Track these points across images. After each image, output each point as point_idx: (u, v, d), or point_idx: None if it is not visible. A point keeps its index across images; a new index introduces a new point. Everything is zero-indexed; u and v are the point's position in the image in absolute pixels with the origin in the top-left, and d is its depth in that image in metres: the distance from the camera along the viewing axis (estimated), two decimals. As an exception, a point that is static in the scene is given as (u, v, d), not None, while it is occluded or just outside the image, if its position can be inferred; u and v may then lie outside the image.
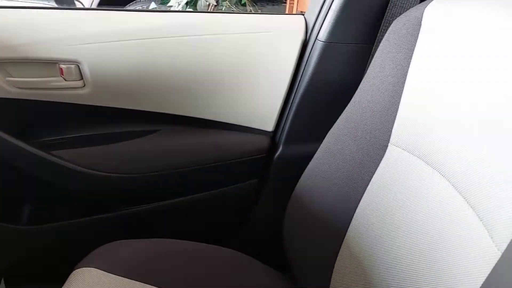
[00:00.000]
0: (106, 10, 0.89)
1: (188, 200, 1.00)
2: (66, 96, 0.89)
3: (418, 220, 0.54)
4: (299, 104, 0.92)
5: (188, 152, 0.96)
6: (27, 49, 0.82)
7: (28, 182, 0.92)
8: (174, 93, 0.91)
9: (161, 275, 0.70)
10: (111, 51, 0.85)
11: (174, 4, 2.69)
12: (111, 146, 0.93)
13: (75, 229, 0.98)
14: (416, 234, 0.53)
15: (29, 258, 1.01)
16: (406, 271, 0.54)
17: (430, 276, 0.50)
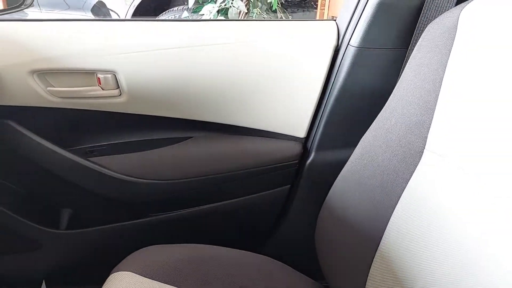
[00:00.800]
0: (141, 21, 0.91)
1: (221, 206, 1.01)
2: (103, 104, 0.92)
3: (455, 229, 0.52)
4: (331, 110, 0.92)
5: (220, 158, 0.97)
6: (67, 60, 0.85)
7: (67, 188, 0.96)
8: (206, 101, 0.92)
9: (195, 280, 0.71)
10: (145, 60, 0.87)
11: (206, 13, 2.73)
12: (146, 153, 0.95)
13: (112, 234, 1.00)
14: (453, 244, 0.52)
15: (68, 262, 1.04)
16: (443, 283, 0.52)
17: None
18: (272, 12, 2.79)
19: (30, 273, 1.05)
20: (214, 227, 1.05)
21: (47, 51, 0.84)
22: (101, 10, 3.87)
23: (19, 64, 0.84)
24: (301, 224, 1.03)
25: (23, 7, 1.13)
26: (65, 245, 1.01)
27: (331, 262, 0.74)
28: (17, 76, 0.85)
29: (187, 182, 0.96)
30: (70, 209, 1.02)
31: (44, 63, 0.85)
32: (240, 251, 0.81)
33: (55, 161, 0.91)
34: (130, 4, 3.72)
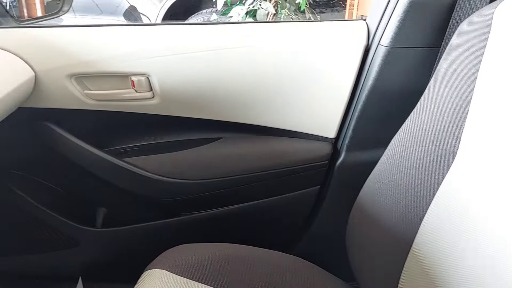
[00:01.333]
0: (171, 24, 0.93)
1: (250, 206, 1.02)
2: (137, 106, 0.94)
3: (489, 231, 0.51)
4: (362, 110, 0.91)
5: (250, 159, 0.98)
6: (102, 64, 0.88)
7: (103, 187, 0.99)
8: (235, 102, 0.94)
9: (226, 279, 0.72)
10: (176, 63, 0.90)
11: (235, 15, 2.75)
12: (177, 154, 0.97)
13: (145, 232, 1.03)
14: (488, 247, 0.51)
15: (103, 259, 1.08)
16: (477, 285, 0.51)
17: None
18: (301, 13, 2.79)
19: (67, 269, 1.09)
20: (244, 227, 1.06)
21: (84, 55, 0.88)
22: (133, 14, 3.95)
23: (57, 68, 0.88)
24: (331, 224, 1.03)
25: (61, 13, 1.18)
26: (101, 243, 1.05)
27: (362, 263, 0.74)
28: (55, 80, 0.89)
29: (217, 182, 0.98)
30: (105, 208, 1.05)
31: (81, 67, 0.88)
32: (270, 251, 0.82)
33: (91, 161, 0.95)
34: (160, 8, 3.79)
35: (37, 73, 0.87)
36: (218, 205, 1.02)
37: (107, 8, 3.88)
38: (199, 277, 0.72)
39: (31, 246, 1.07)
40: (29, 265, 1.09)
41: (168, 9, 3.75)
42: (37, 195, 1.01)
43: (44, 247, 1.06)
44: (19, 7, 1.45)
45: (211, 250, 0.79)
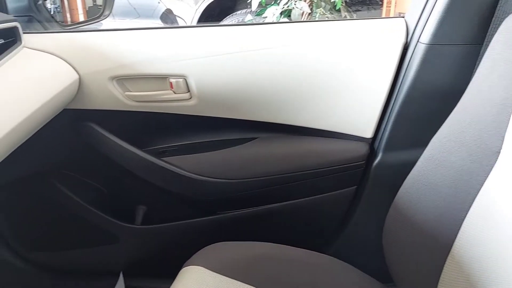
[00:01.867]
0: (208, 26, 0.95)
1: (286, 206, 1.02)
2: (175, 107, 0.97)
3: None
4: (400, 109, 0.89)
5: (285, 159, 0.98)
6: (142, 66, 0.91)
7: (142, 186, 1.02)
8: (271, 102, 0.94)
9: (262, 278, 0.73)
10: (213, 64, 0.91)
11: (269, 15, 2.75)
12: (214, 153, 0.99)
13: (183, 230, 1.05)
14: None
15: (143, 255, 1.11)
16: None
17: None
18: (336, 12, 2.76)
19: (109, 265, 1.13)
20: (279, 226, 1.06)
21: (124, 58, 0.91)
22: (169, 17, 4.03)
23: (100, 71, 0.91)
24: (367, 225, 1.02)
25: (102, 18, 1.23)
26: (140, 240, 1.08)
27: (400, 264, 0.73)
28: (98, 82, 0.92)
29: (253, 182, 0.99)
30: (144, 206, 1.08)
31: (122, 70, 0.91)
32: (307, 251, 0.82)
33: (131, 160, 0.98)
34: (195, 10, 3.84)
35: (81, 76, 0.91)
36: (254, 205, 1.03)
37: (144, 11, 3.97)
38: (236, 275, 0.73)
39: (75, 241, 1.11)
40: (73, 260, 1.13)
41: (203, 11, 3.80)
42: (81, 193, 1.05)
43: (87, 243, 1.10)
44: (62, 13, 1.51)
45: (247, 248, 0.80)
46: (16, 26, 0.85)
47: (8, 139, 0.64)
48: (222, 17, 3.82)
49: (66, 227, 1.09)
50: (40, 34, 0.94)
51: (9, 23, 0.83)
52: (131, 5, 3.89)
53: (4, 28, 0.81)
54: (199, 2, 3.82)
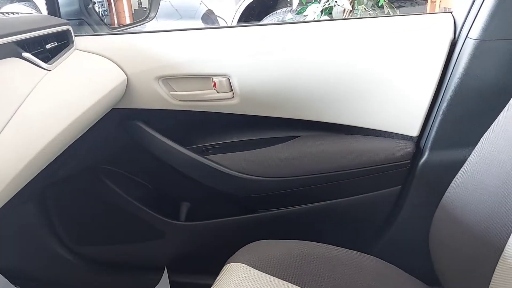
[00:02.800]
0: (249, 26, 0.96)
1: (328, 205, 1.01)
2: (218, 106, 0.98)
3: None
4: (448, 107, 0.87)
5: (327, 157, 0.97)
6: (187, 67, 0.93)
7: (186, 183, 1.05)
8: (313, 100, 0.94)
9: (304, 277, 0.73)
10: (255, 64, 0.92)
11: (310, 13, 2.73)
12: (256, 152, 1.00)
13: (225, 226, 1.07)
14: None
15: (186, 251, 1.14)
16: None
17: None
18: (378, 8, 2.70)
19: (154, 260, 1.17)
20: (321, 225, 1.06)
21: (170, 59, 0.93)
22: (210, 17, 4.10)
23: (146, 71, 0.94)
24: (413, 225, 0.99)
25: (148, 20, 1.27)
26: (184, 236, 1.10)
27: (448, 266, 0.71)
28: (145, 82, 0.95)
29: (295, 180, 0.99)
30: (188, 202, 1.11)
31: (168, 70, 0.94)
32: (350, 251, 0.81)
33: (176, 158, 1.00)
34: (236, 10, 3.88)
35: (129, 76, 0.94)
36: (295, 203, 1.03)
37: (186, 12, 4.05)
38: (278, 273, 0.73)
39: (123, 236, 1.15)
40: (120, 254, 1.18)
41: (243, 11, 3.83)
42: (128, 190, 1.09)
43: (134, 238, 1.14)
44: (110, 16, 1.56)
45: (291, 247, 0.80)
46: (69, 29, 0.90)
47: (62, 137, 0.68)
48: (262, 17, 3.82)
49: (114, 223, 1.14)
50: (90, 37, 0.99)
51: (62, 26, 0.87)
52: (173, 6, 3.98)
53: (58, 32, 0.85)
54: (240, 2, 3.85)
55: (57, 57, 0.81)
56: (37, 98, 0.66)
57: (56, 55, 0.82)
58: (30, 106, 0.63)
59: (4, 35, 0.68)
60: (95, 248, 1.17)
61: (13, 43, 0.70)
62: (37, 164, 0.61)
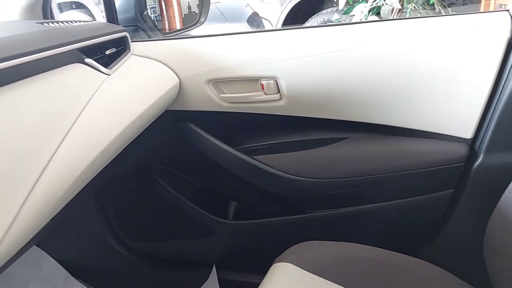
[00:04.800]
0: (297, 28, 0.97)
1: (377, 208, 1.00)
2: (265, 108, 1.00)
3: None
4: (504, 108, 0.83)
5: (376, 159, 0.96)
6: (236, 69, 0.95)
7: (235, 183, 1.07)
8: (362, 102, 0.93)
9: (352, 279, 0.72)
10: (303, 65, 0.93)
11: (357, 13, 2.69)
12: (304, 153, 1.01)
13: (272, 226, 1.08)
14: None
15: (234, 249, 1.16)
16: None
17: None
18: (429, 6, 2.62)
19: (203, 257, 1.20)
20: (370, 228, 1.05)
21: (220, 62, 0.96)
22: (255, 20, 4.13)
23: (198, 75, 0.98)
24: (466, 230, 0.96)
25: (198, 24, 1.31)
26: (232, 234, 1.13)
27: (503, 272, 0.68)
28: (196, 85, 0.98)
29: (343, 182, 0.98)
30: (236, 202, 1.13)
31: (218, 73, 0.97)
32: (398, 254, 0.80)
33: (225, 158, 1.03)
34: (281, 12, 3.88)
35: (181, 80, 0.98)
36: (343, 205, 1.02)
37: (232, 15, 4.11)
38: (326, 274, 0.73)
39: (173, 233, 1.20)
40: (170, 250, 1.22)
41: (288, 12, 3.83)
42: (179, 188, 1.13)
43: (184, 235, 1.18)
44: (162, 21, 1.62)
45: (338, 248, 0.80)
46: (126, 35, 0.95)
47: (121, 138, 0.72)
48: (308, 18, 3.81)
49: (166, 219, 1.18)
50: (146, 42, 1.03)
51: (120, 33, 0.92)
52: (219, 10, 4.05)
53: (116, 38, 0.90)
54: (285, 4, 3.86)
55: (115, 62, 0.86)
56: (98, 101, 0.70)
57: (114, 60, 0.87)
58: (92, 109, 0.67)
59: (69, 43, 0.73)
60: (147, 243, 1.22)
61: (76, 49, 0.75)
62: (98, 163, 0.65)
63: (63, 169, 0.56)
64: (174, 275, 1.23)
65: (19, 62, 0.58)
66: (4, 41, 0.63)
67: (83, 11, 4.06)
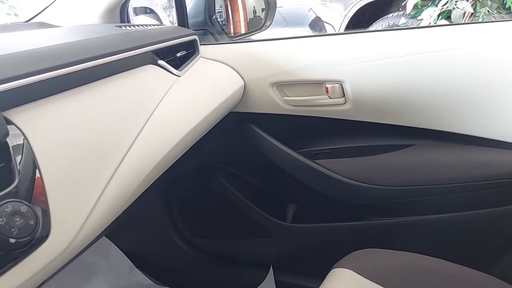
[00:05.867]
0: (364, 32, 0.96)
1: (444, 218, 0.96)
2: (329, 112, 0.99)
3: None
4: None
5: (445, 168, 0.93)
6: (301, 73, 0.96)
7: (294, 185, 1.07)
8: (430, 108, 0.90)
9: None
10: (370, 70, 0.91)
11: (426, 17, 2.59)
12: (367, 158, 0.99)
13: (331, 231, 1.08)
14: None
15: (292, 252, 1.16)
16: None
17: None
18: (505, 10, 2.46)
19: (261, 257, 1.21)
20: (434, 239, 1.01)
21: (284, 65, 0.97)
22: (318, 24, 4.11)
23: (262, 78, 0.99)
24: None
25: (264, 28, 1.32)
26: (290, 237, 1.13)
27: None
28: (260, 88, 1.00)
29: (407, 190, 0.95)
30: (295, 204, 1.13)
31: (282, 76, 0.98)
32: (464, 268, 0.76)
33: (286, 161, 1.04)
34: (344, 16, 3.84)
35: (246, 82, 1.00)
36: (406, 213, 0.99)
37: (293, 20, 4.12)
38: (386, 283, 0.71)
39: (233, 232, 1.22)
40: (229, 248, 1.25)
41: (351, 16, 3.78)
42: (240, 188, 1.16)
43: (242, 234, 1.20)
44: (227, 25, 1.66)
45: (399, 257, 0.78)
46: (195, 39, 0.98)
47: (189, 137, 0.75)
48: (372, 22, 3.73)
49: (226, 218, 1.21)
50: (213, 45, 1.07)
51: (190, 36, 0.96)
52: (280, 14, 4.07)
53: (186, 41, 0.94)
54: (349, 8, 3.81)
55: (185, 64, 0.90)
56: (169, 101, 0.73)
57: (184, 62, 0.90)
58: (164, 108, 0.71)
59: (144, 45, 0.77)
60: (207, 240, 1.26)
61: (151, 52, 0.79)
62: (167, 161, 0.68)
63: (138, 162, 0.59)
64: (231, 273, 1.25)
65: (101, 62, 0.63)
66: (88, 43, 0.69)
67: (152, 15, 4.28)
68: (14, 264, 0.39)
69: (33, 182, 0.43)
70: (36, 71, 0.51)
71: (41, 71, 0.52)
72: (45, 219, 0.43)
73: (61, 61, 0.56)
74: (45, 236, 0.42)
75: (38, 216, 0.41)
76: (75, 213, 0.47)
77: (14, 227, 0.38)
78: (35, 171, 0.44)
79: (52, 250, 0.43)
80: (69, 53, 0.60)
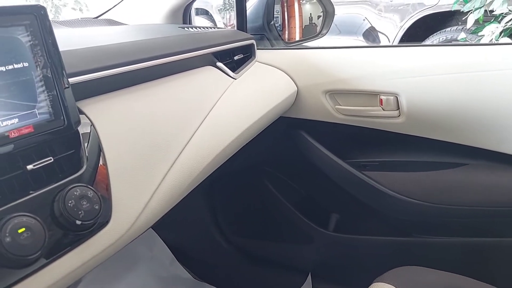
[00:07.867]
0: (419, 46, 0.94)
1: (493, 242, 0.93)
2: (381, 124, 0.98)
3: None
4: None
5: (498, 191, 0.89)
6: (355, 82, 0.96)
7: (340, 195, 1.07)
8: (491, 127, 0.87)
9: None
10: (427, 84, 0.90)
11: (488, 34, 2.49)
12: (417, 174, 0.97)
13: (374, 245, 1.06)
14: None
15: (332, 261, 1.16)
16: None
17: None
18: None
19: (300, 263, 1.22)
20: (481, 262, 0.97)
21: (339, 74, 0.97)
22: (372, 34, 4.05)
23: (315, 85, 1.00)
24: None
25: (320, 36, 1.33)
26: (332, 246, 1.13)
27: None
28: (313, 95, 1.01)
29: (457, 210, 0.93)
30: (339, 214, 1.13)
31: (336, 85, 0.98)
32: None
33: (333, 169, 1.04)
34: (400, 27, 3.76)
35: (299, 88, 1.01)
36: (454, 234, 0.96)
37: (347, 28, 4.08)
38: None
39: (273, 234, 1.23)
40: (268, 250, 1.26)
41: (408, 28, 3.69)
42: (283, 192, 1.17)
43: (282, 238, 1.21)
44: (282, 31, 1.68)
45: (444, 278, 0.76)
46: (253, 43, 1.01)
47: (240, 138, 0.76)
48: (428, 35, 3.63)
49: (267, 220, 1.22)
50: (269, 50, 1.09)
51: (248, 41, 0.98)
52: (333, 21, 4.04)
53: (244, 45, 0.97)
54: (405, 19, 3.73)
55: (242, 67, 0.92)
56: (225, 102, 0.76)
57: (241, 65, 0.93)
58: (220, 108, 0.73)
59: (205, 47, 0.80)
60: (247, 240, 1.27)
61: (211, 54, 0.82)
62: (219, 159, 0.70)
63: (193, 159, 0.61)
64: (269, 275, 1.26)
65: (165, 61, 0.66)
66: (153, 42, 0.72)
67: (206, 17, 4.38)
68: (77, 245, 0.42)
69: (98, 169, 0.47)
70: (105, 66, 0.55)
71: (110, 67, 0.55)
72: (107, 206, 0.45)
73: (129, 58, 0.60)
74: (105, 222, 0.45)
75: (101, 202, 0.44)
76: (134, 203, 0.50)
77: (81, 210, 0.41)
78: (99, 158, 0.47)
79: (111, 235, 0.46)
80: (137, 51, 0.64)
